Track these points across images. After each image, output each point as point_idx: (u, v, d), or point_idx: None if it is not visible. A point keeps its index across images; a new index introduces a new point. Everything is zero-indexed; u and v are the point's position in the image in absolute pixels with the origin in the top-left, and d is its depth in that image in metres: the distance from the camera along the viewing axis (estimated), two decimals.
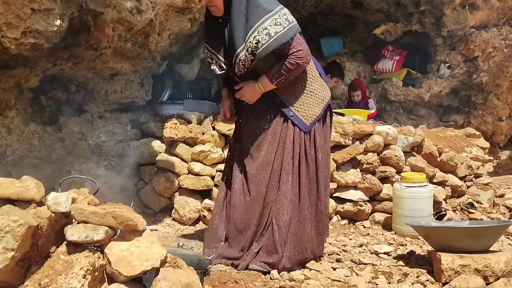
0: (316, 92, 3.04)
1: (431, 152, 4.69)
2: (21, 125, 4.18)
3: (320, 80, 3.09)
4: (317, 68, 3.12)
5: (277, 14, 2.74)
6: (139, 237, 2.02)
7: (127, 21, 3.73)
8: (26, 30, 2.83)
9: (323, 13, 7.20)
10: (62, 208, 1.94)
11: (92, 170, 4.27)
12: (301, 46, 2.82)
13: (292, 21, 2.77)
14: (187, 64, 5.74)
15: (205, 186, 4.12)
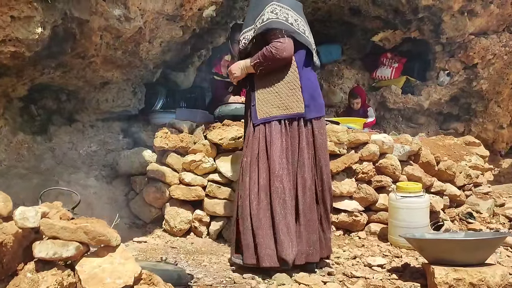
0: (282, 96, 3.14)
1: (428, 161, 4.59)
2: (9, 134, 4.10)
3: (296, 91, 3.14)
4: (301, 81, 3.15)
5: (274, 5, 3.05)
6: (112, 253, 1.94)
7: (115, 29, 3.65)
8: (5, 38, 2.76)
9: (321, 20, 7.13)
10: (30, 224, 1.85)
11: (81, 181, 4.19)
12: (283, 40, 3.00)
13: (279, 18, 3.01)
14: (182, 72, 5.67)
15: (196, 196, 4.04)
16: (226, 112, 4.49)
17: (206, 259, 3.43)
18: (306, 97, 3.14)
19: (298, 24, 3.11)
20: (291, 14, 3.09)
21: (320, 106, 3.25)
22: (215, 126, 4.28)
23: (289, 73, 3.14)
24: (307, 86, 3.16)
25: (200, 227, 4.04)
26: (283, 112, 3.14)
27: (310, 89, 3.18)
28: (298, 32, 3.09)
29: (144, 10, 3.80)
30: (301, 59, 3.18)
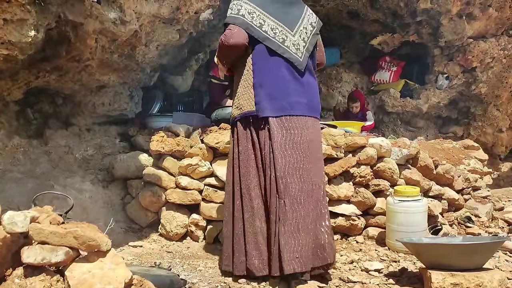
0: (239, 96, 3.16)
1: (426, 164, 4.56)
2: (4, 138, 4.08)
3: (248, 89, 3.10)
4: (255, 77, 3.07)
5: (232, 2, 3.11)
6: (103, 258, 1.91)
7: (110, 32, 3.63)
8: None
9: None
10: (18, 228, 1.82)
11: (77, 185, 4.16)
12: (232, 27, 3.01)
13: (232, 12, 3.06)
14: (180, 76, 5.65)
15: (193, 200, 4.01)
16: (223, 116, 4.47)
17: (202, 263, 3.40)
18: (259, 94, 3.04)
19: (252, 17, 3.04)
20: (245, 7, 3.05)
21: (279, 107, 3.03)
22: (211, 129, 4.26)
23: (245, 71, 3.13)
24: (263, 82, 3.05)
25: (197, 231, 4.01)
26: (238, 112, 3.13)
27: (269, 85, 3.05)
28: (251, 25, 3.02)
29: (140, 13, 3.79)
30: (260, 54, 3.08)
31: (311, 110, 3.15)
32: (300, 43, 3.15)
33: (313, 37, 3.28)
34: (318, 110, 3.25)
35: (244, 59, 3.13)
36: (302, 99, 3.10)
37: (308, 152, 3.07)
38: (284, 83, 3.07)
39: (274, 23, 3.11)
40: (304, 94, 3.12)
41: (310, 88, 3.19)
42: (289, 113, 3.04)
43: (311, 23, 3.30)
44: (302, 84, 3.13)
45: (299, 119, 3.07)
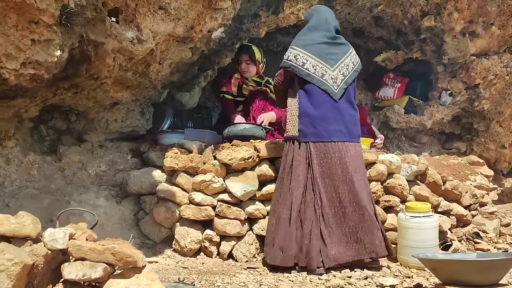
0: (287, 122, 3.98)
1: (435, 180, 4.62)
2: (20, 155, 4.13)
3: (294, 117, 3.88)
4: (299, 108, 3.84)
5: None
6: (139, 274, 1.96)
7: (128, 51, 3.70)
8: (25, 61, 2.80)
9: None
10: (59, 245, 1.88)
11: (91, 201, 4.20)
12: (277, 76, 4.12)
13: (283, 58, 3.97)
14: (188, 92, 5.71)
15: (206, 216, 4.05)
16: (235, 133, 4.53)
17: (219, 279, 3.43)
18: (302, 122, 3.80)
19: (297, 59, 3.84)
20: (293, 52, 3.89)
21: (320, 134, 3.77)
22: (224, 146, 4.31)
23: (293, 102, 3.92)
24: (306, 112, 3.80)
25: (210, 247, 4.05)
26: (285, 134, 3.97)
27: (308, 116, 3.80)
28: (295, 65, 3.84)
29: (156, 33, 3.86)
30: (304, 89, 3.84)
31: (350, 136, 3.86)
32: (339, 77, 3.88)
33: (353, 73, 4.05)
34: (357, 135, 3.94)
35: (293, 92, 3.91)
36: (340, 127, 3.81)
37: (347, 173, 3.74)
38: (323, 113, 3.78)
39: (316, 61, 3.84)
40: (342, 122, 3.82)
41: (348, 116, 3.88)
42: (327, 139, 3.77)
43: (353, 62, 4.07)
44: (340, 112, 3.83)
45: (337, 145, 3.78)
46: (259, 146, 4.20)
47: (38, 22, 2.72)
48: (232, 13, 4.40)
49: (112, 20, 3.46)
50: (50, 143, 4.57)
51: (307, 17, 4.23)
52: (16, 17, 2.62)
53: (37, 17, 2.69)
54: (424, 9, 6.13)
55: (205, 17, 4.13)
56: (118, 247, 1.90)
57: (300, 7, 5.46)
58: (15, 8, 2.56)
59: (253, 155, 4.13)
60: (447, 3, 6.02)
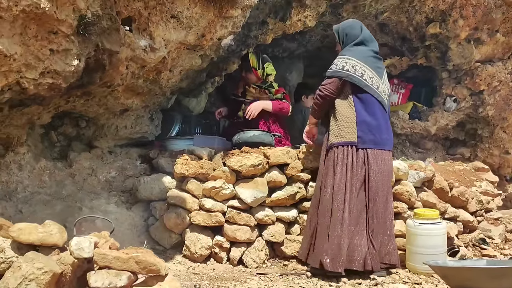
0: (341, 128, 3.97)
1: (442, 187, 4.66)
2: (32, 161, 4.17)
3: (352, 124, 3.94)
4: (357, 116, 3.94)
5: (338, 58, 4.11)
6: (161, 282, 2.00)
7: (140, 59, 3.74)
8: (44, 71, 2.84)
9: (328, 47, 7.24)
10: (85, 254, 1.91)
11: (102, 207, 4.24)
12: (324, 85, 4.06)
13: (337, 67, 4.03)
14: (195, 98, 5.76)
15: (217, 222, 4.09)
16: (244, 139, 4.58)
17: (231, 285, 3.47)
18: (361, 129, 3.91)
19: (355, 70, 3.95)
20: (349, 62, 3.98)
21: (378, 140, 3.95)
22: (233, 153, 4.36)
23: (348, 110, 3.97)
24: (364, 120, 3.93)
25: (221, 253, 4.09)
26: (339, 140, 3.95)
27: (366, 123, 3.93)
28: (354, 75, 3.93)
29: (168, 41, 3.90)
30: (360, 98, 3.96)
31: (391, 145, 4.12)
32: (386, 90, 4.11)
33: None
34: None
35: (345, 100, 4.00)
36: (388, 135, 4.06)
37: (388, 179, 3.98)
38: (378, 121, 3.97)
39: (371, 73, 4.01)
40: (388, 131, 4.08)
41: (390, 126, 4.18)
42: (380, 147, 3.97)
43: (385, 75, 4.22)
44: (387, 122, 4.08)
45: (385, 153, 4.00)
46: (269, 152, 4.25)
47: (57, 32, 2.76)
48: (241, 21, 4.44)
49: (126, 29, 3.51)
50: (60, 149, 4.61)
51: (353, 30, 4.25)
52: (36, 28, 2.66)
53: (56, 28, 2.74)
54: (429, 16, 6.18)
55: (216, 26, 4.17)
56: (142, 255, 1.94)
57: (307, 15, 5.50)
58: (35, 19, 2.61)
59: (263, 161, 4.18)
60: (453, 10, 6.07)
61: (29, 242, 1.88)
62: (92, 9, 3.00)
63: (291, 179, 4.29)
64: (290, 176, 4.27)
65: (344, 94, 4.02)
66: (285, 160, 4.24)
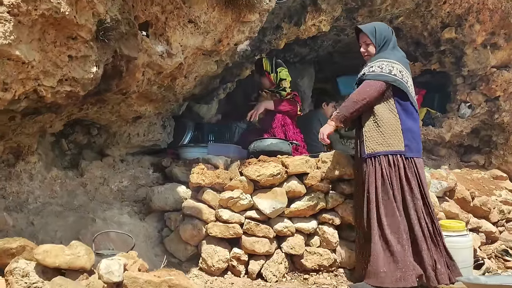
0: (386, 136, 3.74)
1: (464, 197, 4.55)
2: (43, 170, 4.03)
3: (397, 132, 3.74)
4: (402, 124, 3.74)
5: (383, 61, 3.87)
6: None
7: (157, 65, 3.60)
8: (62, 78, 2.70)
9: (340, 52, 7.13)
10: (115, 278, 1.78)
11: (115, 218, 4.09)
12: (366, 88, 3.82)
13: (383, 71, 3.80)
14: (205, 104, 5.63)
15: (234, 234, 3.95)
16: (262, 148, 4.43)
17: None
18: (407, 137, 3.73)
19: (402, 75, 3.79)
20: (396, 67, 3.79)
21: (419, 148, 3.85)
22: (250, 162, 4.22)
23: (391, 117, 3.77)
24: (409, 128, 3.76)
25: (238, 266, 3.95)
26: (384, 148, 3.72)
27: (410, 131, 3.76)
28: (401, 81, 3.76)
29: (185, 46, 3.77)
30: (403, 105, 3.79)
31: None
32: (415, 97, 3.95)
33: None
34: None
35: (387, 106, 3.80)
36: (421, 144, 3.91)
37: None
38: (417, 129, 3.88)
39: (410, 80, 3.91)
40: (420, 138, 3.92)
41: None
42: (421, 156, 3.86)
43: None
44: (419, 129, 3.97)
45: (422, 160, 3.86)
46: (287, 161, 4.11)
47: (76, 38, 2.63)
48: (258, 26, 4.31)
49: (143, 34, 3.37)
50: (71, 157, 4.47)
51: (390, 33, 4.09)
52: (55, 33, 2.53)
53: (76, 33, 2.60)
54: (444, 21, 6.06)
55: (233, 30, 4.04)
56: (175, 278, 1.80)
57: (322, 19, 5.38)
58: (54, 24, 2.47)
59: (282, 171, 4.04)
60: (469, 15, 5.96)
61: (55, 265, 1.74)
62: (111, 13, 2.87)
63: (310, 189, 4.14)
64: (309, 186, 4.13)
65: (385, 99, 3.81)
66: (305, 170, 4.11)
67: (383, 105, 3.81)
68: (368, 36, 4.01)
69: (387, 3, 5.51)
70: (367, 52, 4.06)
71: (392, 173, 3.69)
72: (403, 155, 3.72)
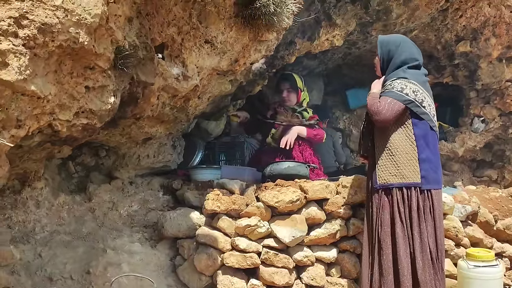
0: (400, 166, 3.38)
1: (487, 220, 4.36)
2: (49, 196, 3.84)
3: (413, 162, 3.36)
4: (419, 153, 3.35)
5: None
6: None
7: (172, 88, 3.42)
8: (79, 111, 2.51)
9: (349, 64, 6.96)
10: None
11: (126, 246, 3.88)
12: (383, 104, 3.35)
13: (395, 89, 3.37)
14: (214, 121, 5.45)
15: (252, 264, 3.76)
16: (279, 171, 4.24)
17: None
18: (425, 168, 3.35)
19: (416, 95, 3.36)
20: (410, 86, 3.37)
21: (439, 179, 3.44)
22: (267, 186, 4.04)
23: (407, 144, 3.39)
24: (427, 157, 3.37)
25: None
26: (398, 180, 3.36)
27: (429, 162, 3.37)
28: (414, 102, 3.34)
29: (201, 68, 3.59)
30: (421, 129, 3.38)
31: None
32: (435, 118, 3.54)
33: None
34: None
35: (403, 130, 3.41)
36: (441, 173, 3.52)
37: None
38: (438, 157, 3.50)
39: (430, 100, 3.49)
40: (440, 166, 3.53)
41: None
42: (440, 186, 3.46)
43: None
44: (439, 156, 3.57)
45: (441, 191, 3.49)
46: (306, 186, 3.92)
47: (93, 68, 2.44)
48: (275, 44, 4.15)
49: (158, 57, 3.19)
50: (78, 180, 4.28)
51: (410, 51, 3.61)
52: (72, 64, 2.34)
53: (93, 63, 2.41)
54: (459, 34, 5.90)
55: (250, 50, 3.86)
56: None
57: (335, 34, 5.22)
58: (71, 54, 2.28)
59: (301, 196, 3.85)
60: (485, 29, 5.80)
61: None
62: (129, 39, 2.69)
63: (330, 215, 3.95)
64: (329, 212, 3.94)
65: (400, 122, 3.40)
66: (325, 195, 3.92)
67: (398, 129, 3.42)
68: (387, 50, 3.63)
69: (403, 18, 5.34)
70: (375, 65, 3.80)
71: (406, 209, 3.34)
72: (418, 187, 3.35)
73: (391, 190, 3.39)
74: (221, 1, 3.33)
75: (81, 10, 2.16)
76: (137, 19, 2.85)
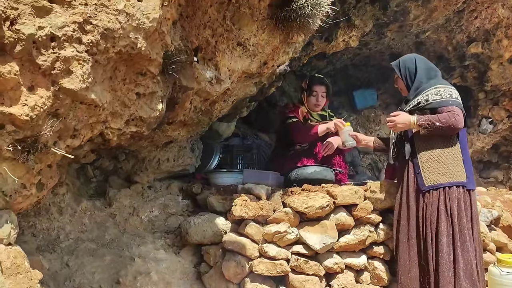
0: (448, 166, 3.46)
1: (509, 224, 4.34)
2: (72, 202, 3.71)
3: (459, 162, 3.49)
4: (463, 154, 3.53)
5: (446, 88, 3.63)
6: None
7: (205, 92, 3.32)
8: (129, 119, 2.40)
9: (356, 65, 6.92)
10: None
11: (151, 254, 3.76)
12: (460, 113, 3.47)
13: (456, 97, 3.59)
14: (226, 122, 5.35)
15: (282, 272, 3.66)
16: (305, 176, 4.14)
17: None
18: (467, 168, 3.51)
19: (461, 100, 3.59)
20: (455, 91, 3.61)
21: (474, 180, 3.58)
22: (293, 191, 3.95)
23: (453, 146, 3.51)
24: (467, 159, 3.55)
25: None
26: (449, 179, 3.44)
27: (469, 163, 3.55)
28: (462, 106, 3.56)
29: (233, 71, 3.49)
30: (462, 134, 3.58)
31: None
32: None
33: None
34: None
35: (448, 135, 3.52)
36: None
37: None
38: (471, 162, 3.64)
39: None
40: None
41: None
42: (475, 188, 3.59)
43: None
44: None
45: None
46: (335, 192, 3.83)
47: (145, 74, 2.33)
48: (301, 46, 4.07)
49: (194, 60, 3.08)
50: (97, 184, 4.15)
51: (425, 61, 3.96)
52: (125, 70, 2.23)
53: (145, 68, 2.30)
54: (471, 36, 5.88)
55: (279, 52, 3.78)
56: None
57: (352, 35, 5.17)
58: (126, 60, 2.17)
59: (330, 202, 3.77)
60: (498, 30, 5.78)
61: None
62: (175, 43, 2.59)
63: (358, 221, 3.88)
64: (358, 218, 3.87)
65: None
66: (354, 201, 3.84)
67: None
68: (395, 70, 3.92)
69: (420, 19, 5.31)
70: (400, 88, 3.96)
71: (453, 206, 3.39)
72: (465, 186, 3.46)
73: (439, 189, 3.45)
74: (256, 2, 3.24)
75: (140, 14, 2.05)
76: (179, 21, 2.74)
